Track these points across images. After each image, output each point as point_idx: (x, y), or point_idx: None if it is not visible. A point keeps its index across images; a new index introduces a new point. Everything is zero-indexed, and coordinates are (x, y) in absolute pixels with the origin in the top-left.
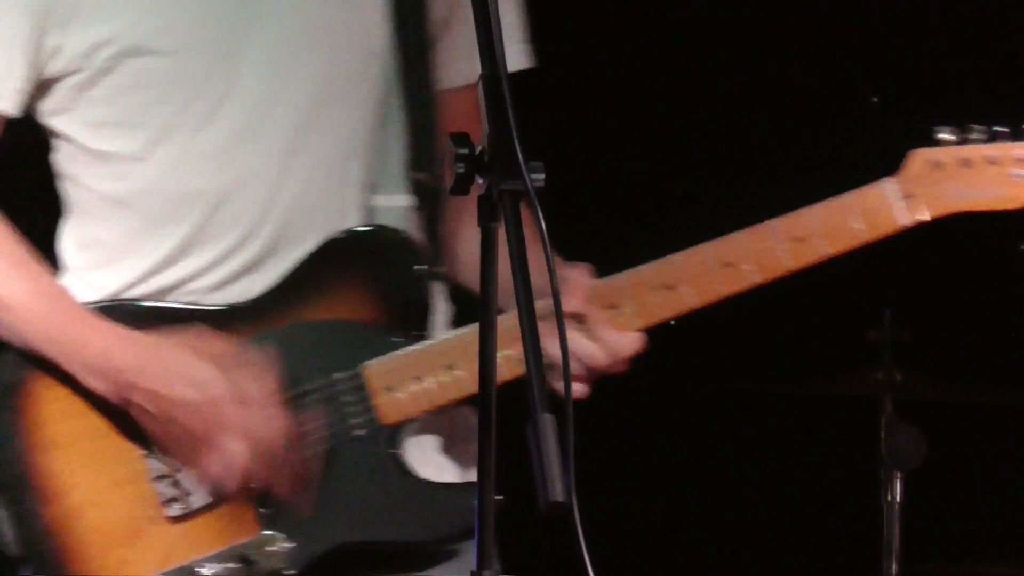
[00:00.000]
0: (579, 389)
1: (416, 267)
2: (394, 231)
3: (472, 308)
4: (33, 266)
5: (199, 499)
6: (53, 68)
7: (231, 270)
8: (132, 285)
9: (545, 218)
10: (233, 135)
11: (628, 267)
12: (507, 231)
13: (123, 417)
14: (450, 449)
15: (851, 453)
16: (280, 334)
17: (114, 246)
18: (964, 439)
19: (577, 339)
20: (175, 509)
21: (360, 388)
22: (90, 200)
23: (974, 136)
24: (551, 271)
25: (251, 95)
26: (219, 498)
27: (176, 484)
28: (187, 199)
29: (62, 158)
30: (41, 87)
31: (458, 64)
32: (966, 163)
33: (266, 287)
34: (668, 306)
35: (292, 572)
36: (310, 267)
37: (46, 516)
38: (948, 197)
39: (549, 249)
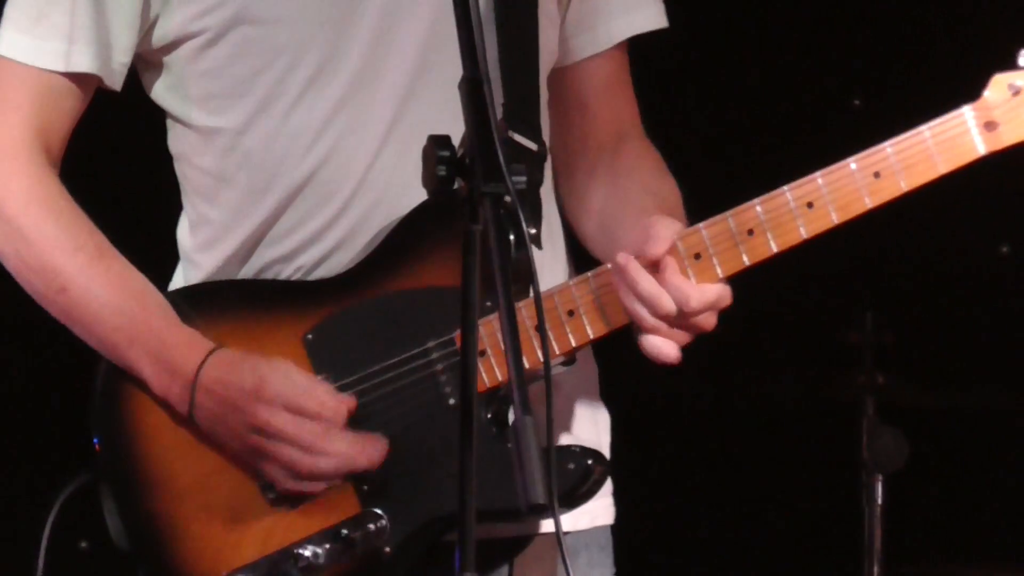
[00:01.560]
0: (660, 346)
1: (507, 230)
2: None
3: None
4: (114, 263)
5: None
6: (158, 38)
7: (333, 242)
8: (236, 263)
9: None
10: (333, 106)
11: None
12: (489, 234)
13: None
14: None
15: (833, 455)
16: (373, 304)
17: (218, 224)
18: (946, 442)
19: (647, 287)
20: (273, 492)
21: (453, 355)
22: (198, 179)
23: None
24: (532, 272)
25: (352, 66)
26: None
27: None
28: (284, 172)
29: (173, 138)
30: (149, 62)
31: (588, 32)
32: None
33: (360, 258)
34: (750, 253)
35: (388, 549)
36: (400, 235)
37: (151, 505)
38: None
39: (530, 250)
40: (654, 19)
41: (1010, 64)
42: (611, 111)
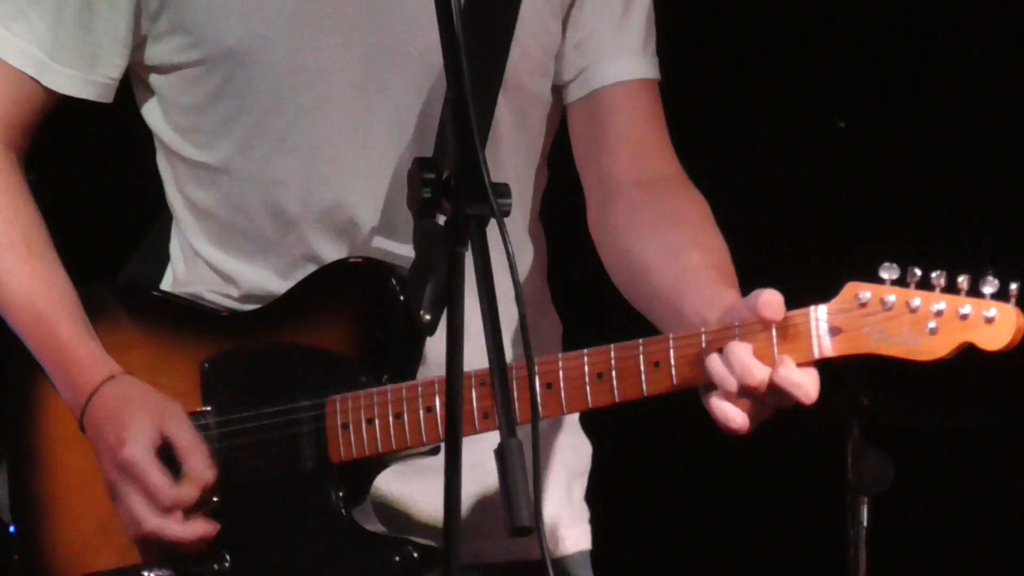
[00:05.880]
0: (730, 412)
1: (400, 308)
2: (384, 266)
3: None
4: (40, 265)
5: None
6: (148, 57)
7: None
8: (210, 291)
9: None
10: (314, 154)
11: None
12: (474, 256)
13: None
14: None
15: (818, 477)
16: (268, 349)
17: (199, 253)
18: (931, 463)
19: (741, 354)
20: None
21: (319, 419)
22: (180, 206)
23: (914, 277)
24: (518, 296)
25: (334, 114)
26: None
27: None
28: (262, 214)
29: (161, 160)
30: (140, 79)
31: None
32: (888, 305)
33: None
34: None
35: None
36: (312, 286)
37: (39, 487)
38: (862, 337)
39: (516, 271)
40: (645, 70)
41: (869, 273)
42: (645, 146)
